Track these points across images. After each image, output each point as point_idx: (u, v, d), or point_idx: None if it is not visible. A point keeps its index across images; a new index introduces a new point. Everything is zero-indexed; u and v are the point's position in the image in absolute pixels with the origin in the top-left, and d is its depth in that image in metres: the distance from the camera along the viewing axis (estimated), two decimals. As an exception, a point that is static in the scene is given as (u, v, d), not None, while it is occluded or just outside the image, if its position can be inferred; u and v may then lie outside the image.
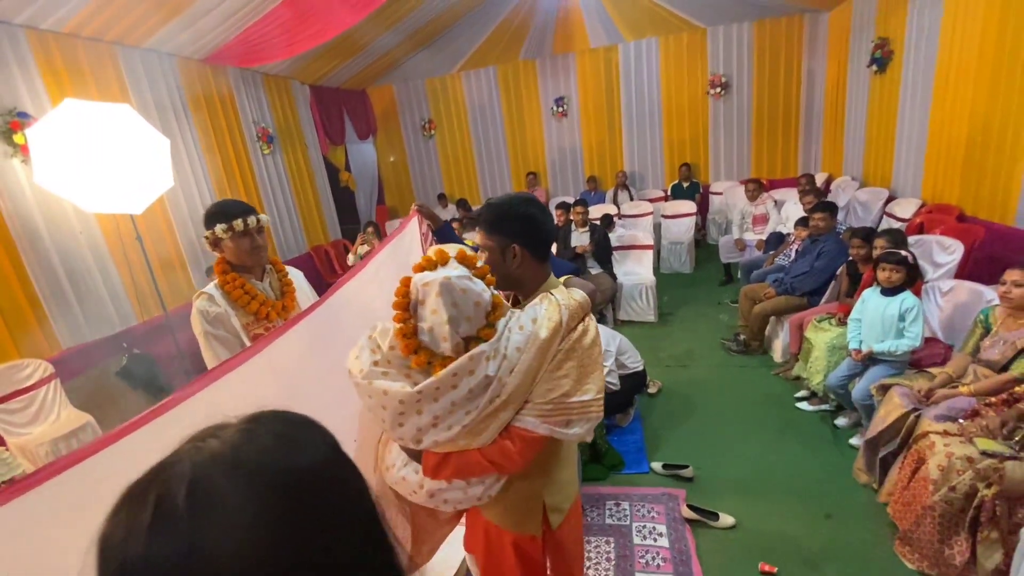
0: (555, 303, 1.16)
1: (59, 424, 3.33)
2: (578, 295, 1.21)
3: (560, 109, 7.59)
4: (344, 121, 7.45)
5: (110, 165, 3.39)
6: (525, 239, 1.26)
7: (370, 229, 5.50)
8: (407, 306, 1.05)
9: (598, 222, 5.11)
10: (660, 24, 6.90)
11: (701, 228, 7.14)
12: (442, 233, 2.26)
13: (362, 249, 5.34)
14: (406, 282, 1.05)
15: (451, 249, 1.21)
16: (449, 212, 7.92)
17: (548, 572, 1.40)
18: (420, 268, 1.07)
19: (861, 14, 5.63)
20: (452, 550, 1.67)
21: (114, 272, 4.01)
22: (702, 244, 7.05)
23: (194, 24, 4.23)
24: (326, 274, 6.50)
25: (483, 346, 1.04)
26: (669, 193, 7.25)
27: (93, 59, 3.90)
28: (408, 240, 2.10)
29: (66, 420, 3.37)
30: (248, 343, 1.78)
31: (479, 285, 1.07)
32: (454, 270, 1.06)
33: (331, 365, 1.56)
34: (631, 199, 7.07)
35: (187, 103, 4.75)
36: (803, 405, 3.31)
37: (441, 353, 1.04)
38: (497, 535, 1.30)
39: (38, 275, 3.50)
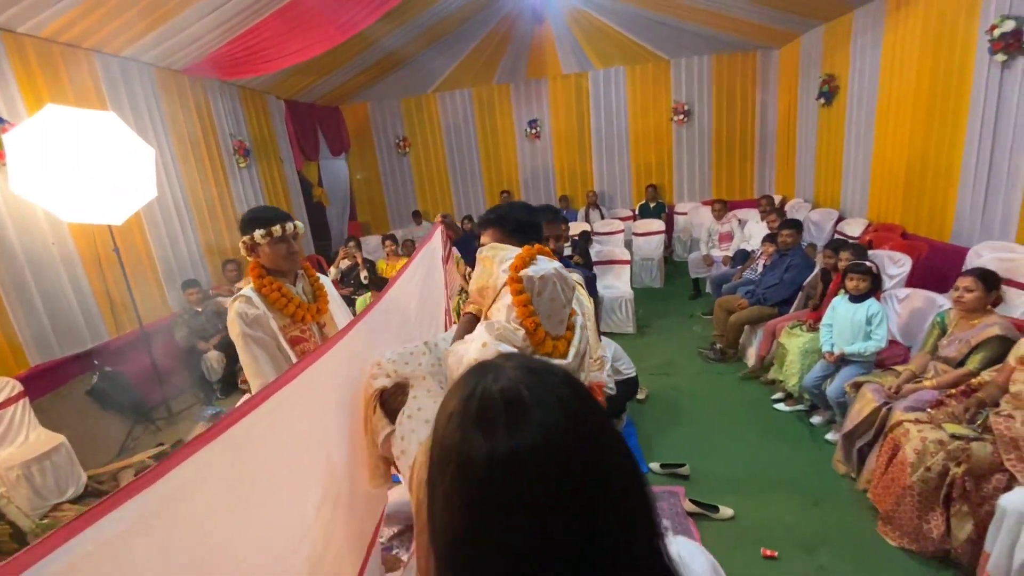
0: (579, 286, 1.51)
1: (28, 446, 3.13)
2: (575, 278, 1.54)
3: (533, 131, 7.86)
4: (318, 137, 7.42)
5: (91, 174, 3.30)
6: (541, 241, 1.55)
7: (352, 243, 5.48)
8: (529, 300, 1.14)
9: (576, 238, 5.33)
10: (627, 54, 7.33)
11: (668, 246, 7.50)
12: (462, 242, 2.36)
13: (343, 263, 5.31)
14: (519, 279, 1.14)
15: (507, 250, 1.32)
16: (424, 229, 7.97)
17: None
18: (520, 265, 1.16)
19: (808, 52, 6.21)
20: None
21: (86, 285, 3.83)
22: (669, 260, 7.40)
23: (178, 35, 4.19)
24: (300, 290, 6.36)
25: (579, 319, 1.19)
26: (637, 212, 7.60)
27: (71, 65, 3.78)
28: (433, 247, 2.19)
29: (36, 441, 3.17)
30: (285, 344, 1.80)
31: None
32: (553, 262, 1.18)
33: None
34: (602, 218, 7.36)
35: (164, 113, 4.65)
36: (780, 406, 3.56)
37: (556, 335, 1.14)
38: None
39: (7, 288, 3.32)
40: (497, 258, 1.24)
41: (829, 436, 3.12)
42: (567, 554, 0.45)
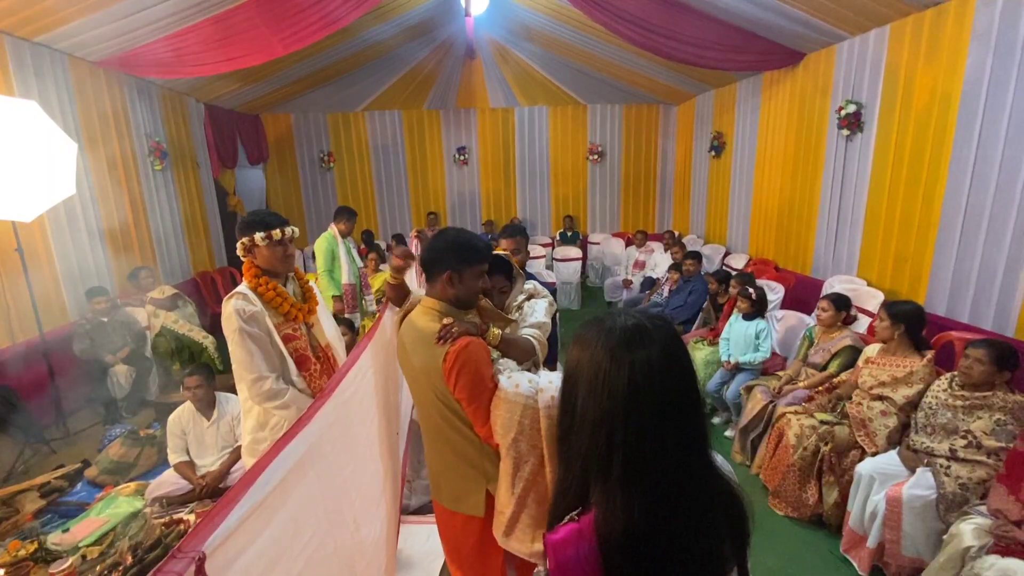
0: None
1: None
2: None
3: (462, 157, 8.20)
4: (237, 144, 7.12)
5: (3, 166, 3.03)
6: None
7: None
8: None
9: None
10: (550, 96, 8.01)
11: (583, 272, 8.15)
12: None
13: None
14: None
15: None
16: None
17: None
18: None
19: (701, 112, 7.28)
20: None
21: (-26, 287, 3.40)
22: (584, 286, 8.03)
23: (103, 26, 3.95)
24: (212, 303, 6.00)
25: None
26: (556, 240, 8.19)
27: (-24, 46, 3.44)
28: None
29: (-91, 463, 2.75)
30: (279, 341, 1.89)
31: None
32: None
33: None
34: (524, 243, 7.82)
35: (76, 106, 4.29)
36: (687, 410, 4.11)
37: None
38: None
39: None
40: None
41: (728, 433, 3.70)
42: (675, 429, 0.73)
